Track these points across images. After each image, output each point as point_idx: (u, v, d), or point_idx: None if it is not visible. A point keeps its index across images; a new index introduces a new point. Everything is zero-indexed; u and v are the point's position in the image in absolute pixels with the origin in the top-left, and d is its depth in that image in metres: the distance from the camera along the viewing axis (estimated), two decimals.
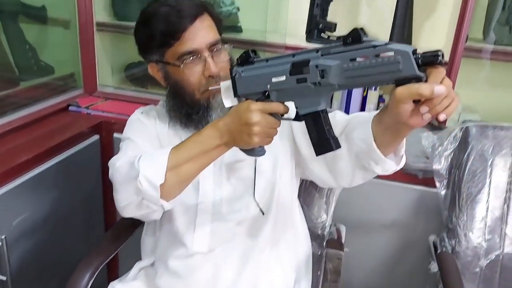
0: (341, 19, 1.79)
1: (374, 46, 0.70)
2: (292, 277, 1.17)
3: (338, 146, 0.84)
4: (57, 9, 1.89)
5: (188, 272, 1.10)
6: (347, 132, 0.97)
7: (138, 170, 0.91)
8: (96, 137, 1.71)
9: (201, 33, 1.01)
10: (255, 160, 1.08)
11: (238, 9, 1.86)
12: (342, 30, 1.77)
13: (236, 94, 0.90)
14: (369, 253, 1.62)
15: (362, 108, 1.81)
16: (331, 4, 1.74)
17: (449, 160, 1.45)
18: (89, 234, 1.13)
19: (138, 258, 1.23)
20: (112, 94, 1.94)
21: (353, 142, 0.93)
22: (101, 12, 1.94)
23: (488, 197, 1.37)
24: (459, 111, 1.73)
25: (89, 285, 1.13)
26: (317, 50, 0.79)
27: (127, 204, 0.98)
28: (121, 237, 1.28)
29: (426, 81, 0.69)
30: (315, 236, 1.32)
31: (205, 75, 1.01)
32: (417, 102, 0.72)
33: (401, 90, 0.70)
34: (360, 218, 1.58)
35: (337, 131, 0.93)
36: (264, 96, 0.87)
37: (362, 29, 0.73)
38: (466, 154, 1.40)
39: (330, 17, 1.75)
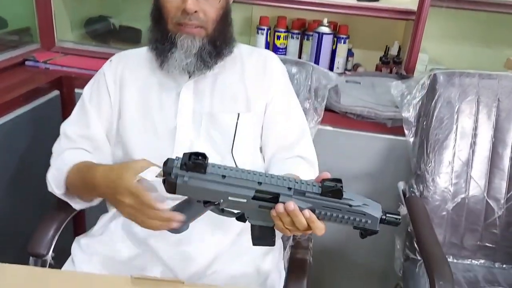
0: None
1: (350, 205, 0.76)
2: None
3: (274, 244, 0.87)
4: None
5: None
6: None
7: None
8: (56, 92, 1.63)
9: None
10: (238, 114, 1.07)
11: None
12: None
13: (173, 193, 0.80)
14: None
15: (332, 61, 1.79)
16: None
17: (417, 108, 1.47)
18: (48, 196, 1.08)
19: (105, 211, 1.19)
20: (71, 49, 1.84)
21: None
22: None
23: (455, 143, 1.40)
24: (426, 63, 1.75)
25: (54, 241, 1.08)
26: (289, 188, 0.77)
27: None
28: None
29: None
30: None
31: (180, 8, 0.99)
32: None
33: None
34: (330, 169, 1.57)
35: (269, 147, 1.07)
36: (213, 204, 0.81)
37: (341, 183, 0.77)
38: (433, 101, 1.41)
39: None
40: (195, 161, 0.76)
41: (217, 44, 1.03)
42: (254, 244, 0.87)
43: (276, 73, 1.13)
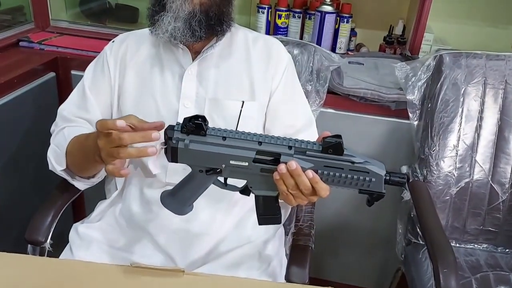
0: None
1: (353, 162, 0.73)
2: None
3: (280, 221, 0.86)
4: None
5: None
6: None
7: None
8: (52, 74, 1.59)
9: None
10: (242, 102, 1.04)
11: None
12: None
13: (175, 161, 0.79)
14: None
15: (334, 41, 1.75)
16: None
17: (422, 90, 1.43)
18: (46, 178, 1.06)
19: (103, 197, 1.17)
20: (67, 29, 1.79)
21: None
22: None
23: (460, 126, 1.37)
24: (431, 43, 1.70)
25: (52, 228, 1.06)
26: (289, 147, 0.75)
27: None
28: None
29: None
30: None
31: None
32: None
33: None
34: None
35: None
36: (215, 172, 0.79)
37: (341, 138, 0.74)
38: (439, 83, 1.38)
39: None
40: (195, 122, 0.75)
41: (210, 16, 0.97)
42: (260, 223, 0.85)
43: (281, 61, 1.09)
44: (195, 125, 0.75)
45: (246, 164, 0.77)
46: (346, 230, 1.66)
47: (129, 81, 1.06)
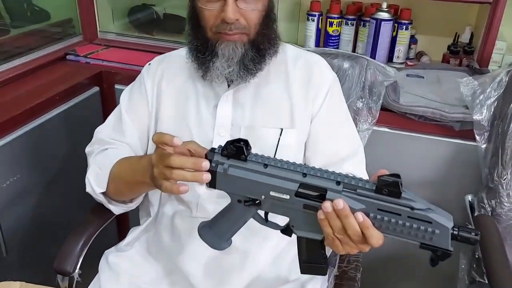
0: None
1: (412, 208, 0.63)
2: None
3: (326, 272, 0.77)
4: None
5: (190, 233, 0.98)
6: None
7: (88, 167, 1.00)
8: (96, 88, 1.58)
9: None
10: (281, 130, 0.97)
11: None
12: None
13: (213, 187, 0.74)
14: None
15: (392, 49, 1.60)
16: None
17: (492, 109, 1.26)
18: (89, 196, 1.05)
19: (137, 223, 1.12)
20: (114, 41, 1.79)
21: None
22: None
23: None
24: (503, 53, 1.51)
25: (81, 258, 1.02)
26: (338, 182, 0.66)
27: None
28: None
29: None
30: None
31: (219, 16, 0.89)
32: None
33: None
34: None
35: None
36: (254, 203, 0.73)
37: (400, 178, 0.63)
38: None
39: None
40: (236, 145, 0.71)
41: (261, 48, 0.93)
42: (302, 271, 0.76)
43: (323, 82, 0.99)
44: (236, 148, 0.71)
45: (288, 197, 0.69)
46: (398, 261, 1.51)
47: (165, 107, 1.02)
